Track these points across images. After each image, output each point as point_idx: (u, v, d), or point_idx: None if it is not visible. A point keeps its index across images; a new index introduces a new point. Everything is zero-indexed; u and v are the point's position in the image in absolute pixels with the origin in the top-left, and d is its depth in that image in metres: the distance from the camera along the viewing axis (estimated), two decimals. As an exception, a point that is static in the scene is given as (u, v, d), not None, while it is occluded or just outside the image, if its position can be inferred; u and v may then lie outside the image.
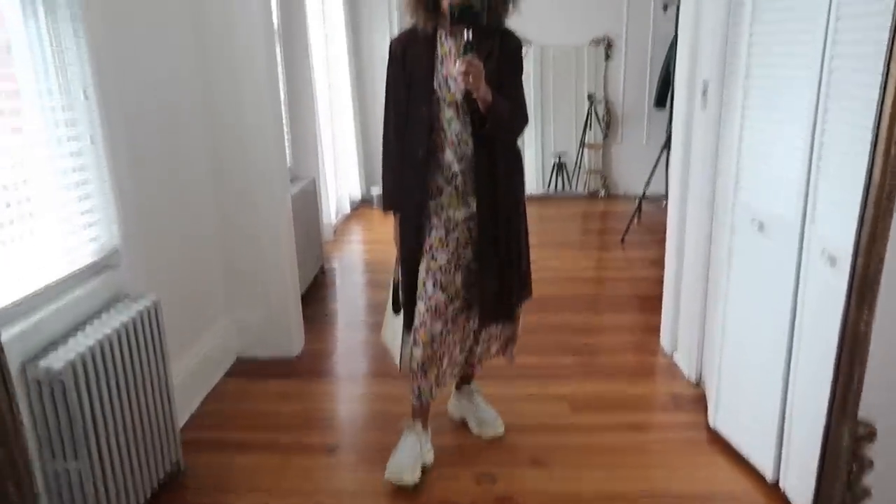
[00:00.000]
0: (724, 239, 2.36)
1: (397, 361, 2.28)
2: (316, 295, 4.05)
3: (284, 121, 3.75)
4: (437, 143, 2.10)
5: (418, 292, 2.16)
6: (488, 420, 2.46)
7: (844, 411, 1.12)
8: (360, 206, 6.29)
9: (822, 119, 1.80)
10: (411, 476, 2.16)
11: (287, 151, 3.74)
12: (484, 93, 1.94)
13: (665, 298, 3.17)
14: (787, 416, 2.05)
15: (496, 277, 2.16)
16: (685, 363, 2.92)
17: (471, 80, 1.90)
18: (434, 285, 2.15)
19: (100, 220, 2.12)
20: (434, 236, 2.15)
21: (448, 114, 2.07)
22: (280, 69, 3.84)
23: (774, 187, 2.04)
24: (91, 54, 2.00)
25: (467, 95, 2.00)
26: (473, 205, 2.14)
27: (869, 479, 1.15)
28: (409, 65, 2.09)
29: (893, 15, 1.15)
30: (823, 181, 1.82)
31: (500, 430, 2.46)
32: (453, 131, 2.08)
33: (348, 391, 2.93)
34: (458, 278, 2.18)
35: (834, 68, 1.75)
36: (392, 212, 2.27)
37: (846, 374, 1.11)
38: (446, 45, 2.08)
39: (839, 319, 1.71)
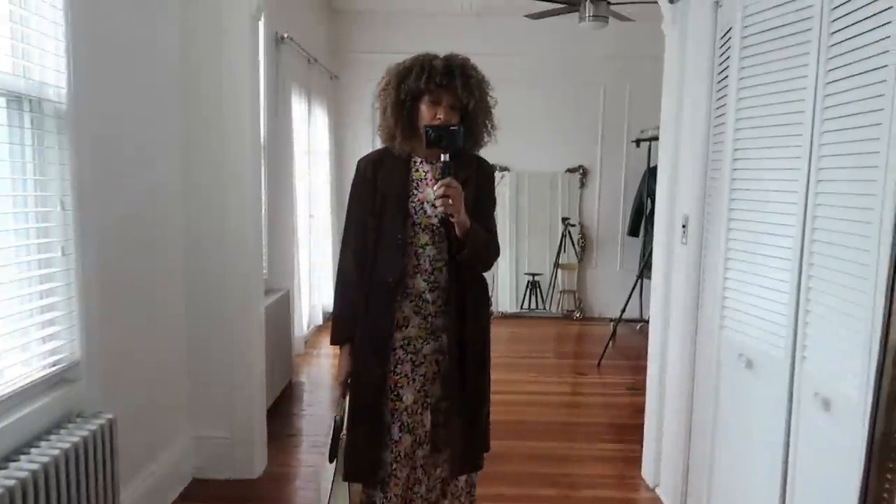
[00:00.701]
0: (708, 372, 2.32)
1: None
2: (282, 410, 3.86)
3: (264, 233, 3.72)
4: (407, 270, 1.97)
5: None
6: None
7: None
8: (333, 319, 6.17)
9: (808, 259, 1.80)
10: None
11: (264, 262, 3.69)
12: (464, 217, 1.86)
13: (647, 430, 3.07)
14: (783, 565, 1.92)
15: (468, 419, 2.00)
16: (669, 498, 2.79)
17: (450, 202, 1.81)
18: (400, 429, 1.97)
19: (62, 333, 2.01)
20: (399, 372, 1.98)
21: (423, 239, 1.97)
22: (263, 177, 3.86)
23: (762, 325, 2.02)
24: (73, 167, 1.98)
25: (444, 220, 1.89)
26: (443, 338, 2.01)
27: None
28: (382, 186, 1.99)
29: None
30: (813, 320, 1.80)
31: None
32: (427, 257, 1.97)
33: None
34: (427, 419, 1.99)
35: (818, 207, 1.77)
36: (340, 345, 2.08)
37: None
38: (421, 170, 2.02)
39: (834, 464, 1.66)
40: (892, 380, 1.01)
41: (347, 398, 2.04)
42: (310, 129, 5.43)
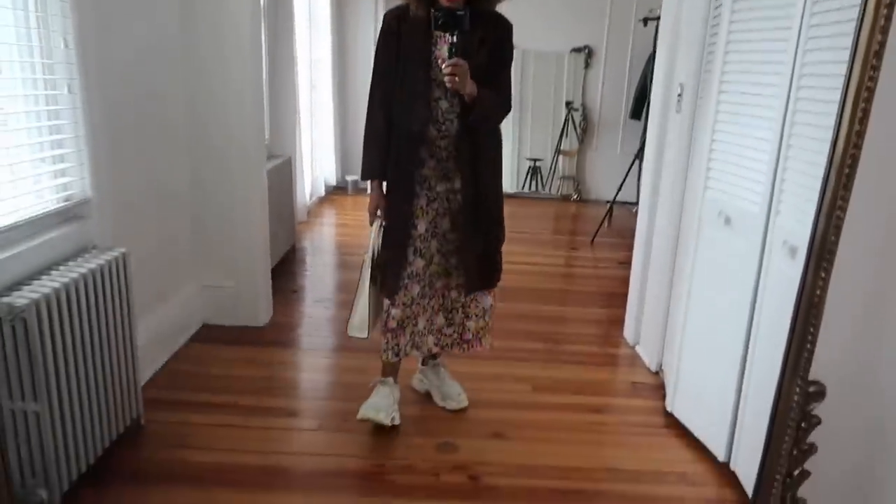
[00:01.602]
0: (689, 232, 2.43)
1: (365, 333, 2.30)
2: (285, 270, 4.04)
3: (265, 96, 3.74)
4: (421, 120, 2.16)
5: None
6: (452, 394, 2.49)
7: (796, 370, 1.17)
8: (335, 191, 6.29)
9: (791, 119, 1.87)
10: (387, 416, 2.27)
11: (266, 127, 3.74)
12: (470, 90, 2.06)
13: (630, 293, 3.24)
14: (741, 400, 2.12)
15: (480, 245, 2.25)
16: (647, 353, 2.99)
17: (457, 80, 2.01)
18: (414, 253, 2.23)
19: (72, 169, 2.10)
20: (415, 205, 2.22)
21: (436, 93, 2.15)
22: (264, 43, 3.83)
23: (743, 183, 2.11)
24: (74, 4, 1.99)
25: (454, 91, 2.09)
26: (455, 180, 2.23)
27: (816, 436, 1.21)
28: (405, 40, 2.15)
29: (857, 19, 1.21)
30: (790, 175, 1.89)
31: (464, 403, 2.49)
32: (440, 109, 2.16)
33: (312, 362, 2.93)
34: (434, 245, 2.27)
35: (804, 74, 1.82)
36: (369, 181, 2.31)
37: (800, 335, 1.17)
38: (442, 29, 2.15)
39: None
40: (835, 188, 1.10)
41: (375, 226, 2.30)
42: (311, -4, 5.30)
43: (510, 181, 6.73)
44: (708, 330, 2.29)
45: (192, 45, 2.85)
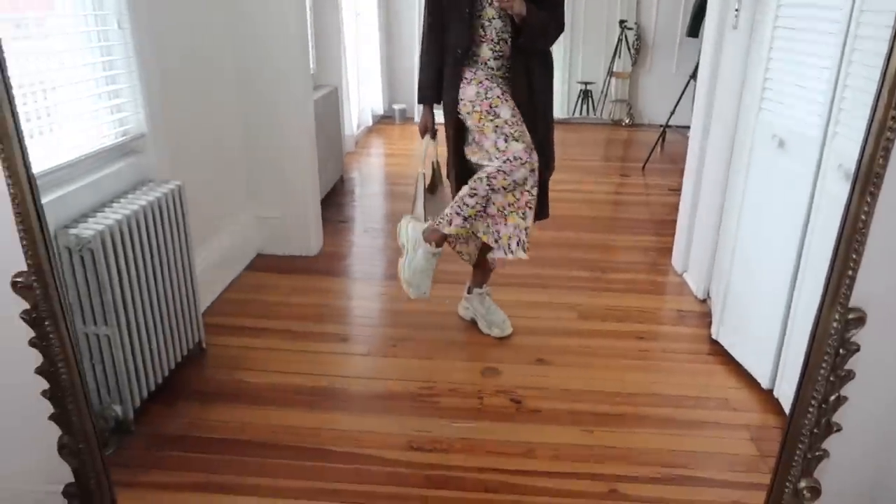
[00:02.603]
0: (742, 158, 2.36)
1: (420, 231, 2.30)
2: (334, 201, 4.11)
3: (309, 25, 3.72)
4: (474, 40, 2.23)
5: (490, 154, 2.21)
6: (497, 321, 2.55)
7: (836, 296, 1.16)
8: (382, 121, 6.28)
9: (853, 38, 1.77)
10: (418, 290, 2.30)
11: (311, 57, 3.73)
12: (519, 9, 2.08)
13: (680, 220, 3.19)
14: (788, 327, 2.10)
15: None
16: (694, 281, 2.97)
17: (508, 1, 2.07)
18: (506, 139, 2.18)
19: (127, 104, 2.16)
20: (492, 95, 2.22)
21: (490, 12, 2.20)
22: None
23: (799, 104, 2.02)
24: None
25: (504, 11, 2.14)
26: (507, 90, 2.28)
27: (855, 363, 1.20)
28: None
29: None
30: (850, 94, 1.80)
31: (508, 330, 2.54)
32: (494, 28, 2.21)
33: (362, 289, 3.03)
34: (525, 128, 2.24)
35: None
36: (424, 105, 2.42)
37: (842, 261, 1.15)
38: None
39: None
40: (885, 109, 1.06)
41: (427, 140, 2.41)
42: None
43: (560, 106, 6.57)
44: (757, 257, 2.26)
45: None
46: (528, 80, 2.25)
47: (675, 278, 3.15)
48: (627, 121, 6.49)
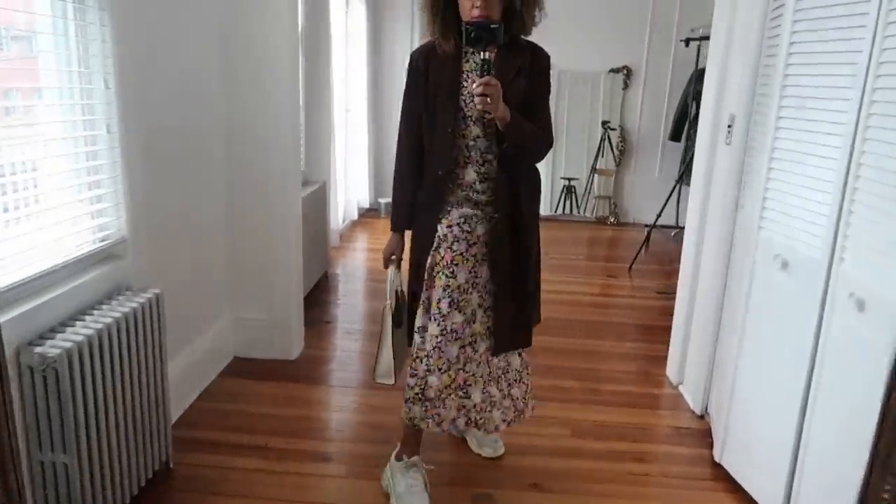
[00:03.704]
0: (742, 273, 2.31)
1: (392, 379, 2.17)
2: (318, 299, 3.99)
3: (301, 124, 3.71)
4: (458, 162, 2.00)
5: (430, 313, 2.03)
6: (489, 441, 2.40)
7: (886, 467, 1.06)
8: (368, 214, 6.26)
9: (858, 159, 1.76)
10: None
11: (301, 154, 3.71)
12: (502, 113, 1.85)
13: (674, 329, 3.11)
14: (799, 458, 1.99)
15: (513, 300, 2.06)
16: (691, 395, 2.86)
17: (489, 101, 1.80)
18: (450, 305, 2.00)
19: (108, 209, 2.08)
20: (456, 250, 2.01)
21: (475, 131, 1.98)
22: (301, 68, 3.82)
23: (802, 225, 1.99)
24: (115, 45, 1.98)
25: (483, 116, 1.94)
26: (494, 222, 2.05)
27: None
28: (433, 78, 1.99)
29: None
30: (856, 220, 1.77)
31: (501, 451, 2.39)
32: (479, 149, 1.99)
33: (344, 400, 2.86)
34: (474, 298, 2.04)
35: (874, 103, 1.71)
36: (394, 234, 2.19)
37: (890, 432, 1.06)
38: (473, 61, 1.98)
39: (864, 364, 1.68)
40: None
41: (391, 271, 2.18)
42: (347, 18, 5.30)
43: (544, 203, 6.63)
44: (762, 380, 2.17)
45: (230, 76, 2.84)
46: (516, 202, 2.01)
47: (669, 390, 3.04)
48: (612, 219, 6.54)
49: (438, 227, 2.02)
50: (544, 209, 6.59)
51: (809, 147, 1.97)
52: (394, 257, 2.18)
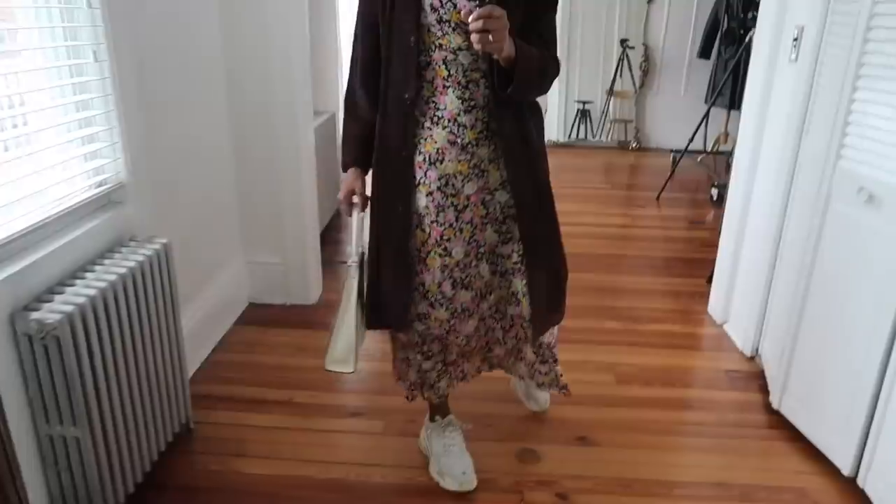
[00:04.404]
0: (811, 207, 2.07)
1: (351, 366, 1.74)
2: (333, 237, 3.78)
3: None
4: (433, 84, 1.54)
5: (431, 297, 1.67)
6: (538, 396, 2.21)
7: None
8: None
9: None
10: (467, 481, 1.86)
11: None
12: (509, 51, 1.40)
13: (719, 264, 2.90)
14: (877, 414, 1.81)
15: (538, 269, 1.69)
16: (739, 336, 2.68)
17: (490, 39, 1.33)
18: (453, 285, 1.66)
19: (104, 150, 1.83)
20: (443, 221, 1.61)
21: (454, 41, 1.49)
22: None
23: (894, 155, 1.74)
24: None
25: (485, 54, 1.46)
26: (489, 172, 1.61)
27: None
28: None
29: None
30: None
31: (546, 406, 2.22)
32: (460, 65, 1.51)
33: (371, 346, 2.68)
34: (483, 268, 1.68)
35: None
36: (351, 169, 1.71)
37: None
38: None
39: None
40: None
41: (356, 217, 1.74)
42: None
43: (557, 128, 6.31)
44: (834, 325, 1.97)
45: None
46: (517, 141, 1.58)
47: (713, 329, 2.86)
48: (635, 144, 6.23)
49: (417, 195, 1.60)
50: (557, 134, 6.27)
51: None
52: (356, 198, 1.70)
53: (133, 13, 1.89)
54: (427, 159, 1.59)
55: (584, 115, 6.34)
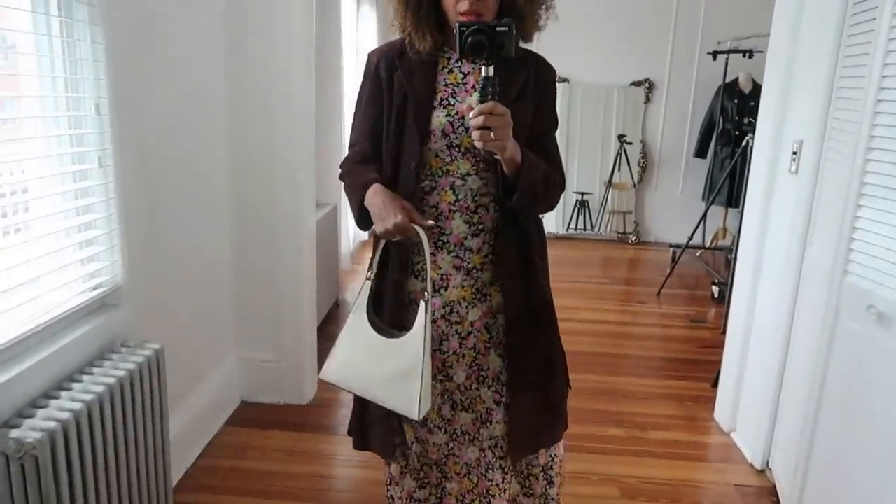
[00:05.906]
0: (820, 321, 2.03)
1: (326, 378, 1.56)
2: (330, 331, 3.71)
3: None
4: (437, 209, 1.46)
5: (430, 423, 1.58)
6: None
7: None
8: (376, 233, 5.98)
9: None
10: None
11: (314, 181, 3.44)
12: (512, 152, 1.32)
13: (725, 369, 2.84)
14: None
15: (536, 391, 1.56)
16: (748, 446, 2.59)
17: (492, 137, 1.26)
18: (453, 407, 1.57)
19: (102, 254, 1.81)
20: (446, 350, 1.52)
21: (463, 167, 1.44)
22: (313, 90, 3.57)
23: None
24: (108, 64, 1.71)
25: (487, 156, 1.37)
26: (492, 297, 1.52)
27: None
28: (399, 89, 1.44)
29: None
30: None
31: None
32: (469, 191, 1.45)
33: (366, 452, 2.58)
34: (486, 394, 1.55)
35: None
36: (364, 197, 1.44)
37: None
38: (457, 71, 1.46)
39: None
40: None
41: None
42: (357, 31, 5.05)
43: (556, 220, 6.36)
44: (852, 448, 1.89)
45: (236, 92, 2.57)
46: (523, 262, 1.49)
47: (720, 438, 2.76)
48: (633, 238, 6.26)
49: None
50: (556, 226, 6.31)
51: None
52: (399, 219, 1.36)
53: (140, 120, 1.91)
54: (433, 285, 1.49)
55: (582, 205, 6.41)
